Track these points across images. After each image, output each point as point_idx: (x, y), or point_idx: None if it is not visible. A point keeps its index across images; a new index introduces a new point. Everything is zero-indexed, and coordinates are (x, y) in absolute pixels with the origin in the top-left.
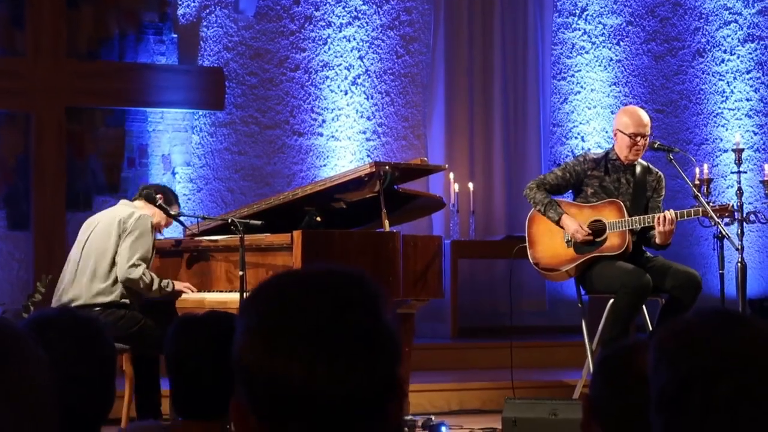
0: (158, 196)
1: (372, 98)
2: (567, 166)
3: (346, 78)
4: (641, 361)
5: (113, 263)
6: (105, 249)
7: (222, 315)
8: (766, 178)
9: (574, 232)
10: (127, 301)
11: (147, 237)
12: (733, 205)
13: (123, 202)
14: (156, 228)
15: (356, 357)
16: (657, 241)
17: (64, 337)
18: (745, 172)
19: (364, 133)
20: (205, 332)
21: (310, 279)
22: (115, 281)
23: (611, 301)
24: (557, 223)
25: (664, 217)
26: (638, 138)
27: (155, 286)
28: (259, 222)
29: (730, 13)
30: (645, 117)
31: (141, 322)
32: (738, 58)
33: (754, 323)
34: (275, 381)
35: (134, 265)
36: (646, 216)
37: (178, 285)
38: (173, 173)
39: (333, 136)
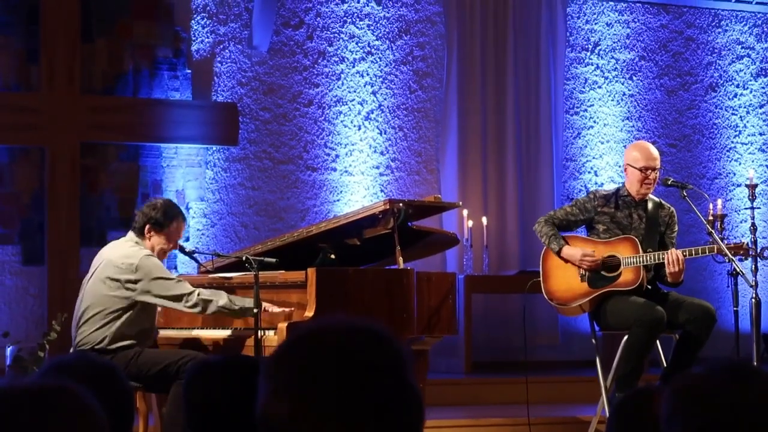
0: (147, 228)
1: (385, 133)
2: (577, 202)
3: (359, 113)
4: (657, 408)
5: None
6: (98, 296)
7: (243, 360)
8: None
9: (580, 258)
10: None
11: (162, 271)
12: (747, 244)
13: (126, 239)
14: (160, 256)
15: (384, 419)
16: (669, 280)
17: (81, 382)
18: (759, 208)
19: (378, 167)
20: (226, 378)
21: (333, 339)
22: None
23: (626, 336)
24: (558, 254)
25: (672, 257)
26: (649, 171)
27: (223, 300)
28: (273, 260)
29: (742, 48)
30: (654, 151)
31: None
32: (751, 92)
33: (765, 376)
34: None
35: (188, 296)
36: (660, 252)
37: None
38: (187, 208)
39: (346, 171)
